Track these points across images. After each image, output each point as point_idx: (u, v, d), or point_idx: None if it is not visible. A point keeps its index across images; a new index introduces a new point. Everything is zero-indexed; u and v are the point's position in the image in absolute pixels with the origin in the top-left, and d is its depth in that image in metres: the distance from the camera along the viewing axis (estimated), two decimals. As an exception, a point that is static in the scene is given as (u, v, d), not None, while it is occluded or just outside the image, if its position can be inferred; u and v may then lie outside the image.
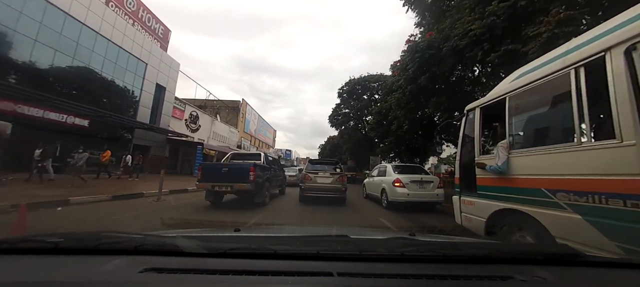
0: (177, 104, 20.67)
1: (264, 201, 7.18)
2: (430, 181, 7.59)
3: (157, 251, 0.93)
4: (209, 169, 7.14)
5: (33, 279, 0.72)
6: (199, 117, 23.66)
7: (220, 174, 6.73)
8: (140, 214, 5.68)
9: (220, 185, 6.62)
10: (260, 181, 6.96)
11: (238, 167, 7.18)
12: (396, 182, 7.36)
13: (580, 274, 0.93)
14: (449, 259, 0.96)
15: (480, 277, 0.84)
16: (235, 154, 9.70)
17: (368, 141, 26.43)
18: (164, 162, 19.26)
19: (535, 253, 1.08)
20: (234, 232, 1.53)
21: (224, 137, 29.67)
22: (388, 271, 0.84)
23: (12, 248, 0.93)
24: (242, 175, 6.62)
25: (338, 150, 46.88)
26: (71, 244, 0.94)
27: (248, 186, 6.54)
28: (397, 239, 1.33)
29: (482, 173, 3.00)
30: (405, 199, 7.15)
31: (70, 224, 4.60)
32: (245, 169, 6.75)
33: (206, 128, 25.28)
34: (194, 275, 0.78)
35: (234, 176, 6.65)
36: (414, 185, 7.31)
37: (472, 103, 3.47)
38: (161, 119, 18.58)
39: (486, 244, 1.52)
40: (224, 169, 6.87)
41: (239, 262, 0.86)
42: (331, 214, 6.56)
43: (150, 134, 17.51)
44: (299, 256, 0.92)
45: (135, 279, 0.74)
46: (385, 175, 8.32)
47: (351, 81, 24.71)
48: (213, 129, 26.70)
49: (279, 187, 10.04)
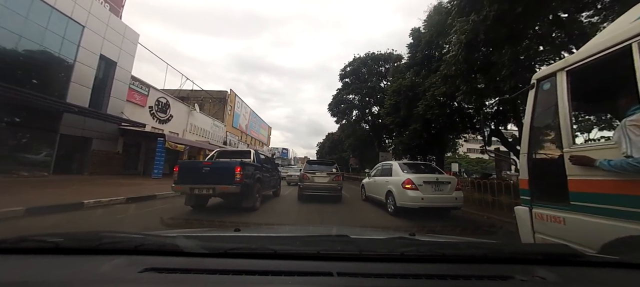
0: (135, 85, 16.25)
1: (253, 206, 6.27)
2: (447, 181, 6.31)
3: (157, 251, 0.93)
4: (188, 168, 6.26)
5: (33, 279, 0.72)
6: (170, 105, 19.25)
7: (200, 175, 5.86)
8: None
9: (200, 187, 5.74)
10: (248, 182, 6.12)
11: (222, 166, 6.29)
12: (407, 183, 6.13)
13: (580, 274, 0.92)
14: (449, 259, 0.95)
15: (480, 277, 0.84)
16: (222, 152, 8.59)
17: (375, 135, 22.08)
18: (115, 160, 14.87)
19: (535, 253, 1.06)
20: (234, 232, 1.54)
21: (206, 131, 25.28)
22: (388, 271, 0.83)
23: (12, 248, 0.92)
24: (227, 175, 5.78)
25: (338, 147, 42.55)
26: (71, 244, 0.93)
27: (233, 188, 5.70)
28: (397, 239, 1.30)
29: (584, 173, 1.97)
30: (419, 205, 5.90)
31: None
32: (230, 168, 5.91)
33: (181, 119, 20.88)
34: (194, 275, 0.78)
35: (217, 176, 5.79)
36: (429, 187, 6.10)
37: (547, 68, 2.51)
38: (110, 102, 14.17)
39: (486, 244, 1.43)
40: (205, 168, 5.99)
41: (239, 262, 0.87)
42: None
43: (91, 122, 13.09)
44: (299, 256, 0.92)
45: (135, 279, 0.74)
46: (391, 174, 7.05)
47: (355, 60, 20.47)
48: (190, 121, 22.30)
49: (273, 189, 9.20)
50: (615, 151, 1.80)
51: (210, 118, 26.46)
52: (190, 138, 20.95)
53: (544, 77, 2.45)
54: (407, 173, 6.46)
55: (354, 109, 22.13)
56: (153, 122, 17.78)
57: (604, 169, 1.81)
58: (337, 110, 22.39)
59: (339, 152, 43.05)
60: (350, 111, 22.16)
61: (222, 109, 30.50)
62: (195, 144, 19.10)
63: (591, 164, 1.90)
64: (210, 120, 26.28)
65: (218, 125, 27.54)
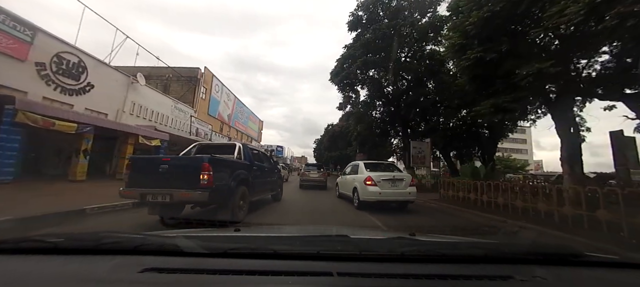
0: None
1: (234, 217, 4.60)
2: (402, 178, 7.23)
3: (157, 251, 0.92)
4: (141, 167, 4.60)
5: (33, 279, 0.73)
6: (86, 68, 12.48)
7: (156, 175, 4.28)
8: None
9: (154, 193, 4.17)
10: (222, 185, 4.47)
11: (182, 163, 4.66)
12: (367, 180, 6.97)
13: (580, 274, 0.92)
14: (449, 259, 0.95)
15: (480, 277, 0.83)
16: (203, 146, 6.47)
17: (399, 115, 15.37)
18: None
19: (535, 253, 1.05)
20: (234, 232, 1.52)
21: (164, 116, 18.57)
22: (388, 271, 0.83)
23: (12, 248, 0.92)
24: (189, 176, 4.17)
25: (339, 143, 35.77)
26: (71, 244, 0.94)
27: (197, 194, 4.09)
28: (397, 239, 1.25)
29: None
30: (376, 198, 6.82)
31: None
32: (194, 166, 4.26)
33: (112, 93, 14.14)
34: (194, 275, 0.78)
35: (176, 177, 4.23)
36: (386, 183, 6.94)
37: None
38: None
39: (486, 244, 1.44)
40: (163, 166, 4.33)
41: (239, 262, 0.86)
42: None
43: None
44: (299, 256, 0.92)
45: (135, 279, 0.75)
46: (357, 173, 7.97)
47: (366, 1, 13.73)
48: (132, 98, 15.56)
49: (272, 192, 7.59)
50: None
51: (169, 98, 19.65)
52: (129, 122, 14.20)
53: None
54: (369, 172, 7.38)
55: (374, 67, 14.31)
56: (49, 91, 11.04)
57: None
58: (344, 83, 15.29)
59: (339, 149, 36.17)
60: (363, 81, 15.08)
61: (193, 92, 23.81)
62: (115, 127, 12.32)
63: None
64: (169, 101, 19.50)
65: (183, 109, 20.76)
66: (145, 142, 12.71)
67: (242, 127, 36.42)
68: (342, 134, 34.09)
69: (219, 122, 28.60)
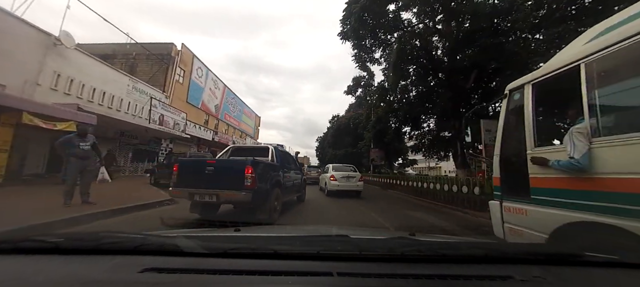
0: None
1: (270, 218, 4.82)
2: (354, 176, 10.54)
3: (157, 251, 0.92)
4: (188, 168, 4.96)
5: (33, 279, 0.72)
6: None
7: (203, 177, 4.57)
8: None
9: (202, 193, 4.48)
10: (263, 186, 4.75)
11: (227, 166, 5.07)
12: (331, 177, 10.41)
13: (580, 274, 0.90)
14: (449, 259, 0.94)
15: (480, 277, 0.82)
16: (236, 149, 6.88)
17: (450, 84, 10.40)
18: None
19: (535, 253, 1.03)
20: (234, 232, 1.51)
21: (118, 99, 13.89)
22: (388, 271, 0.83)
23: (12, 248, 0.90)
24: (234, 178, 4.45)
25: (345, 138, 30.77)
26: (71, 244, 0.93)
27: (242, 195, 4.36)
28: (397, 239, 1.25)
29: (541, 171, 2.31)
30: (337, 189, 10.14)
31: None
32: (239, 168, 4.52)
33: (24, 58, 9.50)
34: (194, 275, 0.77)
35: (222, 179, 4.54)
36: (344, 179, 10.26)
37: (518, 80, 2.66)
38: None
39: (486, 244, 1.39)
40: (209, 168, 4.67)
41: (239, 262, 0.86)
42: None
43: None
44: (299, 256, 0.91)
45: (135, 279, 0.74)
46: (327, 172, 11.48)
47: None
48: (56, 68, 10.87)
49: (298, 193, 7.74)
50: (564, 154, 2.07)
51: (123, 74, 14.86)
52: (53, 101, 9.46)
53: (514, 89, 2.70)
54: (333, 171, 10.82)
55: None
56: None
57: (554, 168, 2.14)
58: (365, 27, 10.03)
59: (344, 146, 31.06)
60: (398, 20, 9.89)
61: (164, 73, 19.13)
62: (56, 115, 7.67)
63: (546, 164, 2.22)
64: (125, 78, 14.76)
65: (145, 91, 15.99)
66: (40, 123, 7.95)
67: (235, 121, 31.81)
68: (349, 127, 29.02)
69: (203, 113, 23.88)
